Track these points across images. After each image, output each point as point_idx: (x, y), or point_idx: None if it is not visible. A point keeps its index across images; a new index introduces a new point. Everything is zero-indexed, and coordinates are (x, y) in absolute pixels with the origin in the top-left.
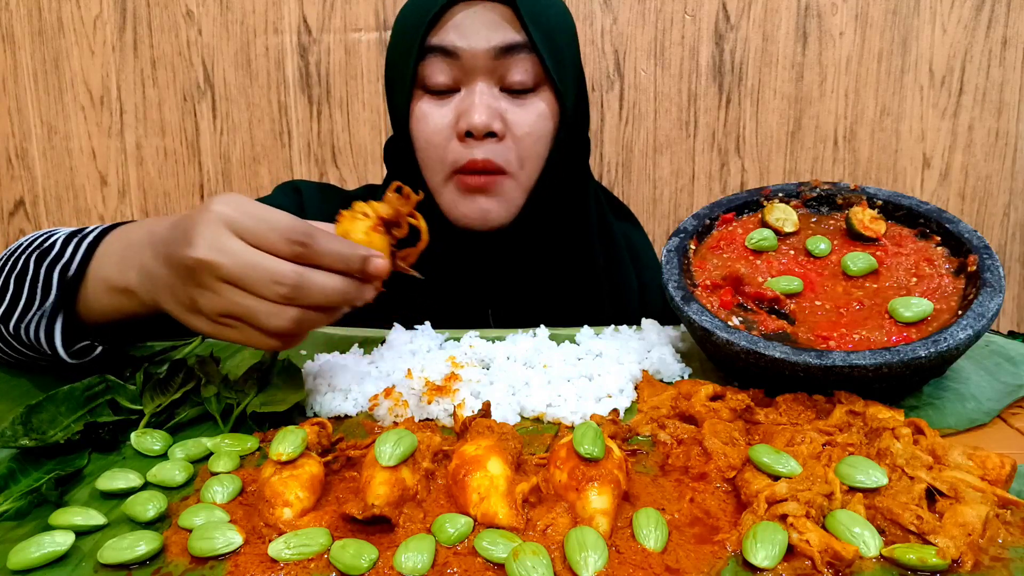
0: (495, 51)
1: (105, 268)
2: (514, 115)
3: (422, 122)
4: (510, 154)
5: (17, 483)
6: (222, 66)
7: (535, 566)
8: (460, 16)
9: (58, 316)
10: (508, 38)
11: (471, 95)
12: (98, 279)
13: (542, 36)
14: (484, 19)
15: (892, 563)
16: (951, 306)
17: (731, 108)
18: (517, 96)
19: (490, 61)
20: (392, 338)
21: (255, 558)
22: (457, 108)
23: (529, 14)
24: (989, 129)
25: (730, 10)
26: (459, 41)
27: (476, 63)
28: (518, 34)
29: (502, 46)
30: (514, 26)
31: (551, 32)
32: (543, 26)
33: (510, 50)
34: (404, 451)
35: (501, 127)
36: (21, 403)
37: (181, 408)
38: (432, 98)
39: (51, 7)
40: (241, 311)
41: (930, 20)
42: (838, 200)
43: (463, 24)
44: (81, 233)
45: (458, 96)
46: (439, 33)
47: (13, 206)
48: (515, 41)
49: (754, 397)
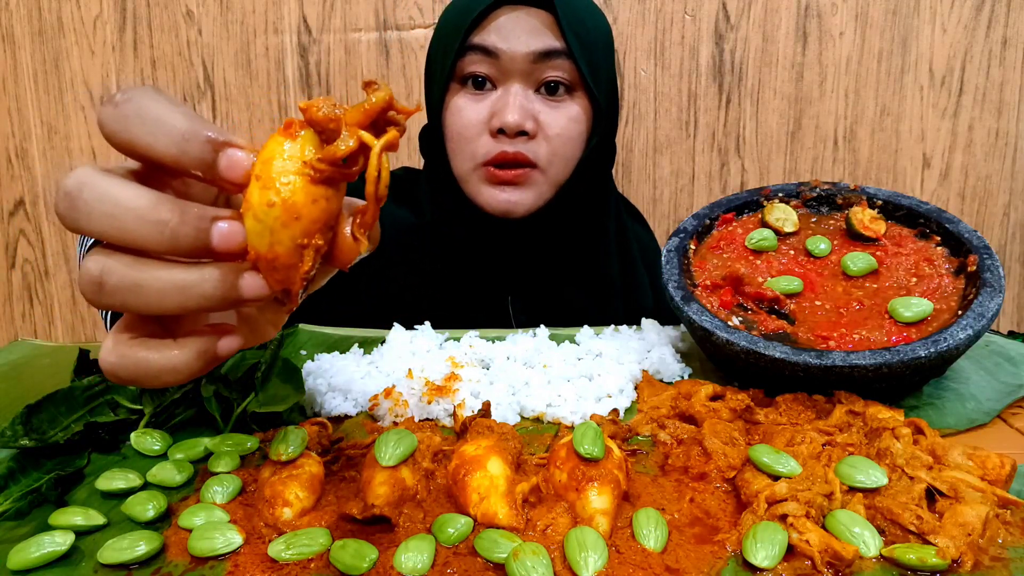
0: (533, 55)
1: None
2: (547, 116)
3: (456, 115)
4: (540, 151)
5: (17, 483)
6: (222, 66)
7: (535, 566)
8: (503, 19)
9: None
10: (547, 44)
11: (507, 95)
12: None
13: (579, 44)
14: (525, 24)
15: (892, 563)
16: (951, 306)
17: (731, 108)
18: (551, 99)
19: (528, 64)
20: (392, 338)
21: (255, 558)
22: (492, 106)
23: (568, 22)
24: (989, 129)
25: (730, 10)
26: (500, 42)
27: (514, 65)
28: (557, 40)
29: (541, 51)
30: (553, 32)
31: (588, 40)
32: (581, 34)
33: (548, 55)
34: (404, 451)
35: (533, 127)
36: (21, 403)
37: (181, 408)
38: (468, 93)
39: (51, 7)
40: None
41: (930, 20)
42: (838, 200)
43: (505, 27)
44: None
45: (494, 94)
46: (481, 33)
47: (13, 206)
48: (553, 47)
49: (754, 397)
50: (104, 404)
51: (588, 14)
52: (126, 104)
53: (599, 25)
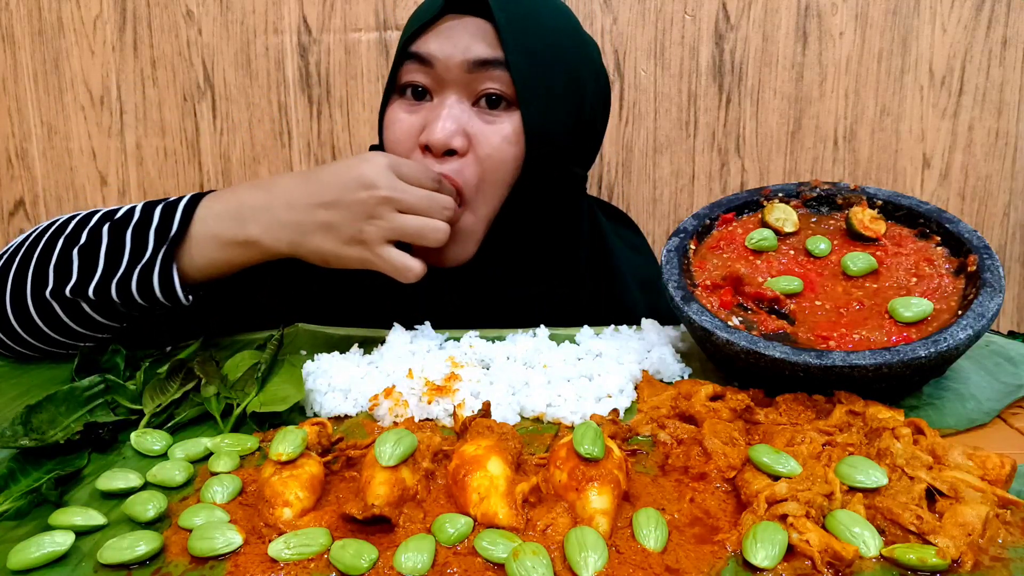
0: (468, 64)
1: (213, 227)
2: (481, 133)
3: (391, 127)
4: (470, 174)
5: (17, 483)
6: (222, 66)
7: (535, 566)
8: (444, 26)
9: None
10: (483, 52)
11: (440, 107)
12: (206, 236)
13: (521, 52)
14: (467, 31)
15: (892, 563)
16: (951, 306)
17: (731, 108)
18: (490, 113)
19: (463, 74)
20: (392, 338)
21: (255, 558)
22: (425, 117)
23: (510, 29)
24: (989, 129)
25: (730, 10)
26: (436, 50)
27: (449, 75)
28: (496, 50)
29: (476, 60)
30: (494, 41)
31: (531, 48)
32: (523, 41)
33: (484, 64)
34: (404, 451)
35: (462, 144)
36: (21, 403)
37: (181, 408)
38: (406, 105)
39: (51, 7)
40: (413, 231)
41: (930, 20)
42: (838, 200)
43: (444, 34)
44: (161, 202)
45: (429, 105)
46: (421, 41)
47: (13, 206)
48: (489, 56)
49: (754, 397)
50: (104, 404)
51: (539, 20)
52: None
53: (555, 30)
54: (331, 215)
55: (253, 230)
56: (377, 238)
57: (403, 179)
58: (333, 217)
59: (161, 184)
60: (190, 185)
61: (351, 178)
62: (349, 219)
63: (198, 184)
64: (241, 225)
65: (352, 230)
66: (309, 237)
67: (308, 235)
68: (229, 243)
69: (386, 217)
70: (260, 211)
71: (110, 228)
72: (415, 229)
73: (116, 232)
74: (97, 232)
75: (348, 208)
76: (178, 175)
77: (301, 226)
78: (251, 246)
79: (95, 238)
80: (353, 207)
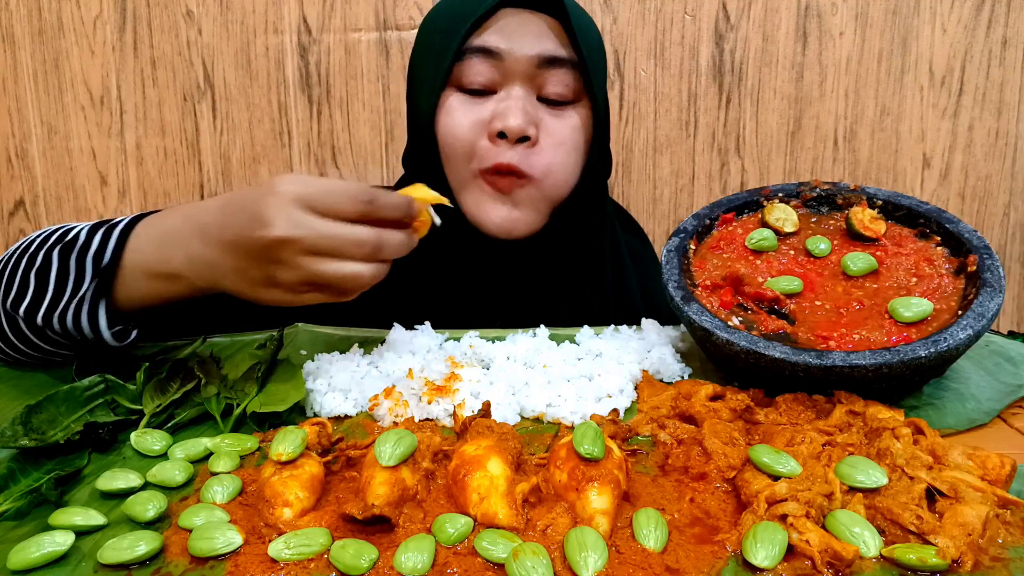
0: (538, 59)
1: (142, 256)
2: (549, 123)
3: (450, 116)
4: (539, 161)
5: (17, 483)
6: (222, 66)
7: (535, 566)
8: (506, 20)
9: (100, 301)
10: (553, 50)
11: (509, 98)
12: (135, 266)
13: (587, 52)
14: (531, 27)
15: (892, 563)
16: (951, 306)
17: (731, 108)
18: (553, 107)
19: (531, 68)
20: (392, 338)
21: (255, 558)
22: (493, 109)
23: (578, 30)
24: (989, 129)
25: (730, 10)
26: (503, 43)
27: (518, 67)
28: (563, 48)
29: (546, 56)
30: (560, 39)
31: (592, 49)
32: (587, 43)
33: (553, 62)
34: (404, 451)
35: (535, 132)
36: (21, 403)
37: (181, 408)
38: (465, 96)
39: (51, 7)
40: (327, 277)
41: (930, 20)
42: (838, 200)
43: (508, 28)
44: (106, 224)
45: (494, 97)
46: (482, 35)
47: (13, 206)
48: (559, 54)
49: (754, 397)
50: (104, 404)
51: (589, 23)
52: None
53: (597, 35)
54: (236, 259)
55: (175, 263)
56: (292, 284)
57: (317, 210)
58: (239, 261)
59: (161, 184)
60: (190, 185)
61: (248, 216)
62: (254, 263)
63: (198, 184)
64: (164, 257)
65: (260, 275)
66: (225, 277)
67: (224, 276)
68: (156, 275)
69: (292, 262)
70: (181, 242)
71: (59, 252)
72: (331, 277)
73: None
74: (48, 256)
75: (248, 251)
76: (178, 175)
77: (214, 266)
78: (176, 280)
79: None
80: (252, 250)
